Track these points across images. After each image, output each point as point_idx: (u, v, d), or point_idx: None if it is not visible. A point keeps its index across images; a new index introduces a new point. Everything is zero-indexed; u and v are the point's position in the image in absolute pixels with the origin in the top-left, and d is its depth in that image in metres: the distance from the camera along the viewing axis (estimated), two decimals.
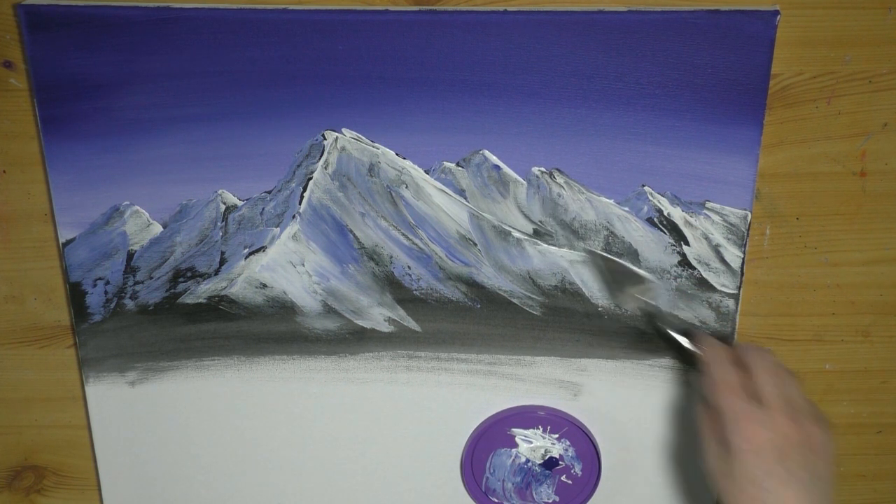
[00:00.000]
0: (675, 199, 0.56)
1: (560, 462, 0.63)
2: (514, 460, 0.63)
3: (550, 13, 0.52)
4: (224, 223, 0.57)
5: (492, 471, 0.63)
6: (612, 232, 0.57)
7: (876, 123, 0.56)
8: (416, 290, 0.59)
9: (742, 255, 0.58)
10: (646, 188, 0.56)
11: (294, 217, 0.57)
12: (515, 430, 0.62)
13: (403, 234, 0.58)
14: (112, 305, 0.59)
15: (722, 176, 0.55)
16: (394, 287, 0.59)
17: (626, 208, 0.57)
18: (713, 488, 0.51)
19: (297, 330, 0.60)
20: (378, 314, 0.59)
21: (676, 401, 0.61)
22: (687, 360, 0.56)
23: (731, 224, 0.57)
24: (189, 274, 0.58)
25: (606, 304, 0.59)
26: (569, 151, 0.55)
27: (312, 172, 0.56)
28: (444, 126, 0.55)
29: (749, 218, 0.57)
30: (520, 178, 0.56)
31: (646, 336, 0.59)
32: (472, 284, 0.59)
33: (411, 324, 0.59)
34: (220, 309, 0.59)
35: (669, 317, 0.58)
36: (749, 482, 0.48)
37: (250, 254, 0.58)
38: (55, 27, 0.52)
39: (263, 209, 0.57)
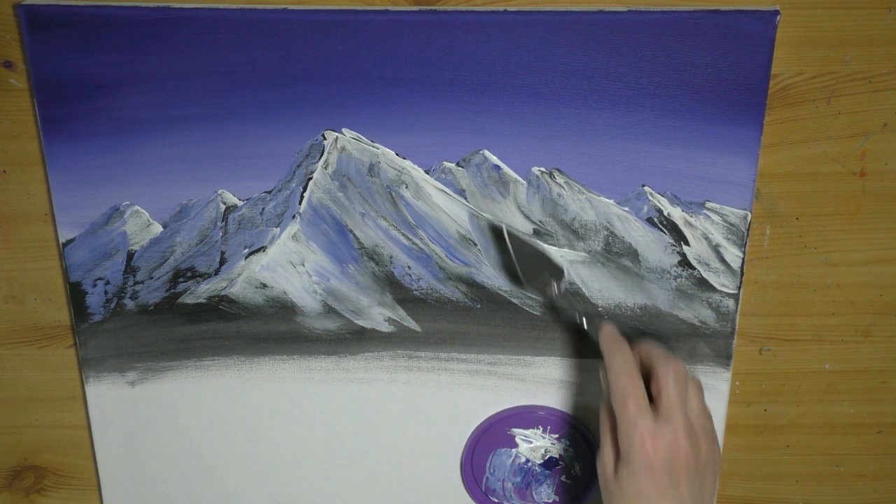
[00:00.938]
0: (675, 199, 0.56)
1: (560, 462, 0.63)
2: (514, 460, 0.63)
3: (550, 13, 0.52)
4: (224, 223, 0.57)
5: (492, 471, 0.63)
6: (612, 232, 0.57)
7: (876, 123, 0.56)
8: (416, 290, 0.59)
9: (742, 255, 0.58)
10: (646, 188, 0.56)
11: (294, 217, 0.57)
12: (515, 430, 0.62)
13: (403, 234, 0.58)
14: (112, 305, 0.59)
15: (722, 176, 0.55)
16: (394, 287, 0.59)
17: (626, 208, 0.57)
18: (601, 488, 0.52)
19: (297, 330, 0.60)
20: (378, 314, 0.59)
21: None
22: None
23: (731, 224, 0.57)
24: (189, 274, 0.58)
25: (606, 303, 0.59)
26: (569, 151, 0.55)
27: (312, 172, 0.56)
28: (444, 126, 0.55)
29: (749, 218, 0.57)
30: (520, 178, 0.56)
31: (645, 336, 0.59)
32: (472, 284, 0.59)
33: (411, 324, 0.59)
34: (220, 309, 0.59)
35: (585, 306, 0.57)
36: (635, 494, 0.49)
37: (250, 254, 0.58)
38: (55, 27, 0.52)
39: (263, 209, 0.57)
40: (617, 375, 0.50)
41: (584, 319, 0.56)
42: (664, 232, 0.57)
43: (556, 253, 0.57)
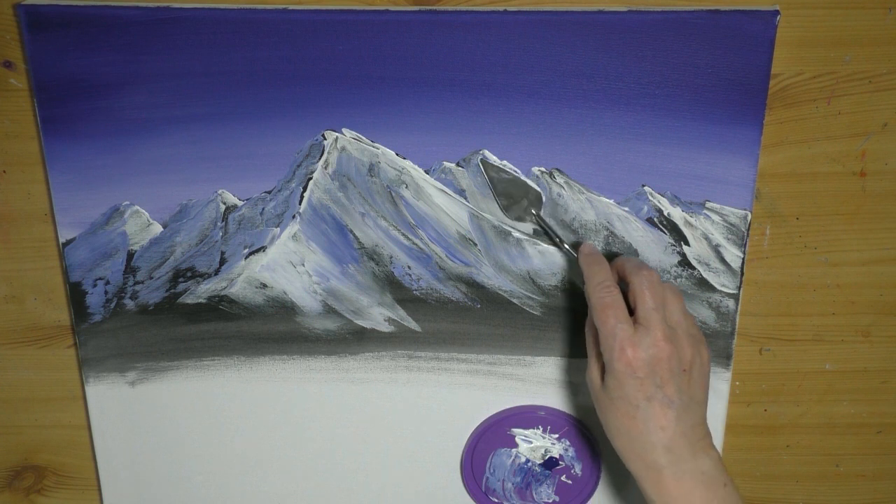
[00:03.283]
0: (675, 199, 0.56)
1: (560, 462, 0.63)
2: (514, 460, 0.63)
3: (550, 13, 0.52)
4: (224, 223, 0.57)
5: (492, 471, 0.63)
6: (612, 232, 0.57)
7: (876, 123, 0.56)
8: (416, 290, 0.59)
9: (742, 255, 0.58)
10: (646, 188, 0.56)
11: (294, 217, 0.57)
12: (515, 430, 0.62)
13: (403, 234, 0.58)
14: (112, 305, 0.59)
15: (722, 176, 0.55)
16: (394, 287, 0.59)
17: (626, 208, 0.57)
18: (593, 401, 0.53)
19: (297, 330, 0.60)
20: (378, 314, 0.59)
21: None
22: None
23: (731, 224, 0.57)
24: (189, 274, 0.58)
25: None
26: (569, 151, 0.55)
27: (312, 172, 0.56)
28: (444, 126, 0.55)
29: (749, 218, 0.57)
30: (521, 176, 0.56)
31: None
32: (472, 284, 0.59)
33: (411, 324, 0.59)
34: (220, 309, 0.59)
35: (558, 228, 0.57)
36: (622, 400, 0.50)
37: (250, 254, 0.58)
38: (55, 27, 0.52)
39: (263, 209, 0.57)
40: (595, 289, 0.52)
41: (563, 242, 0.56)
42: (664, 232, 0.57)
43: (533, 180, 0.57)
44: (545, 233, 0.57)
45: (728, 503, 0.50)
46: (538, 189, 0.56)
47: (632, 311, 0.51)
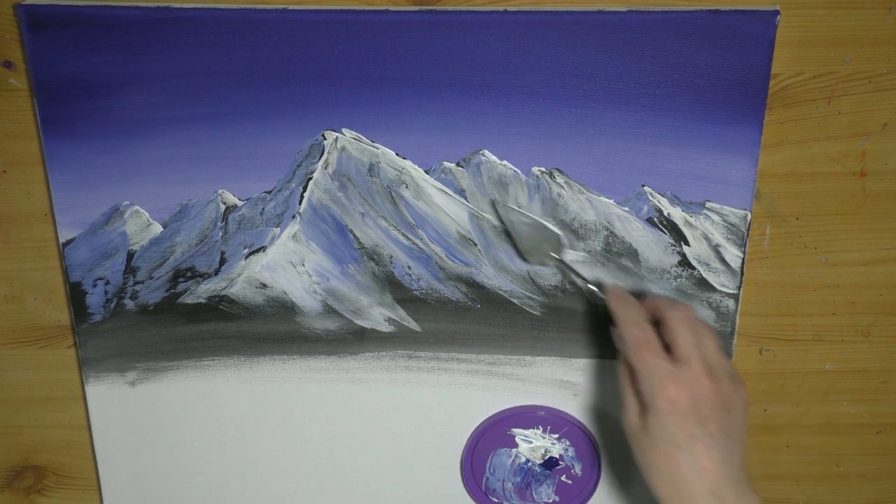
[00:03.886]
0: (675, 199, 0.56)
1: (560, 462, 0.63)
2: (514, 460, 0.63)
3: (550, 13, 0.52)
4: (224, 223, 0.57)
5: (492, 471, 0.63)
6: (612, 232, 0.57)
7: (876, 123, 0.56)
8: (416, 290, 0.59)
9: (742, 255, 0.58)
10: (646, 188, 0.56)
11: (294, 217, 0.57)
12: (515, 430, 0.62)
13: (403, 234, 0.58)
14: (112, 305, 0.59)
15: (722, 176, 0.55)
16: (394, 287, 0.59)
17: (626, 208, 0.57)
18: (631, 444, 0.51)
19: (297, 330, 0.60)
20: (378, 314, 0.59)
21: None
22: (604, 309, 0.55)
23: (731, 224, 0.57)
24: (189, 274, 0.59)
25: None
26: (569, 151, 0.55)
27: (312, 172, 0.56)
28: (444, 126, 0.55)
29: (749, 218, 0.57)
30: (521, 174, 0.56)
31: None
32: (472, 284, 0.59)
33: (411, 324, 0.59)
34: (220, 309, 0.59)
35: (582, 269, 0.57)
36: (665, 440, 0.48)
37: (250, 254, 0.58)
38: (55, 27, 0.52)
39: (263, 209, 0.57)
40: (628, 328, 0.51)
41: (589, 286, 0.56)
42: (664, 232, 0.57)
43: (553, 223, 0.57)
44: (571, 279, 0.57)
45: None
46: (557, 232, 0.55)
47: (667, 349, 0.50)
